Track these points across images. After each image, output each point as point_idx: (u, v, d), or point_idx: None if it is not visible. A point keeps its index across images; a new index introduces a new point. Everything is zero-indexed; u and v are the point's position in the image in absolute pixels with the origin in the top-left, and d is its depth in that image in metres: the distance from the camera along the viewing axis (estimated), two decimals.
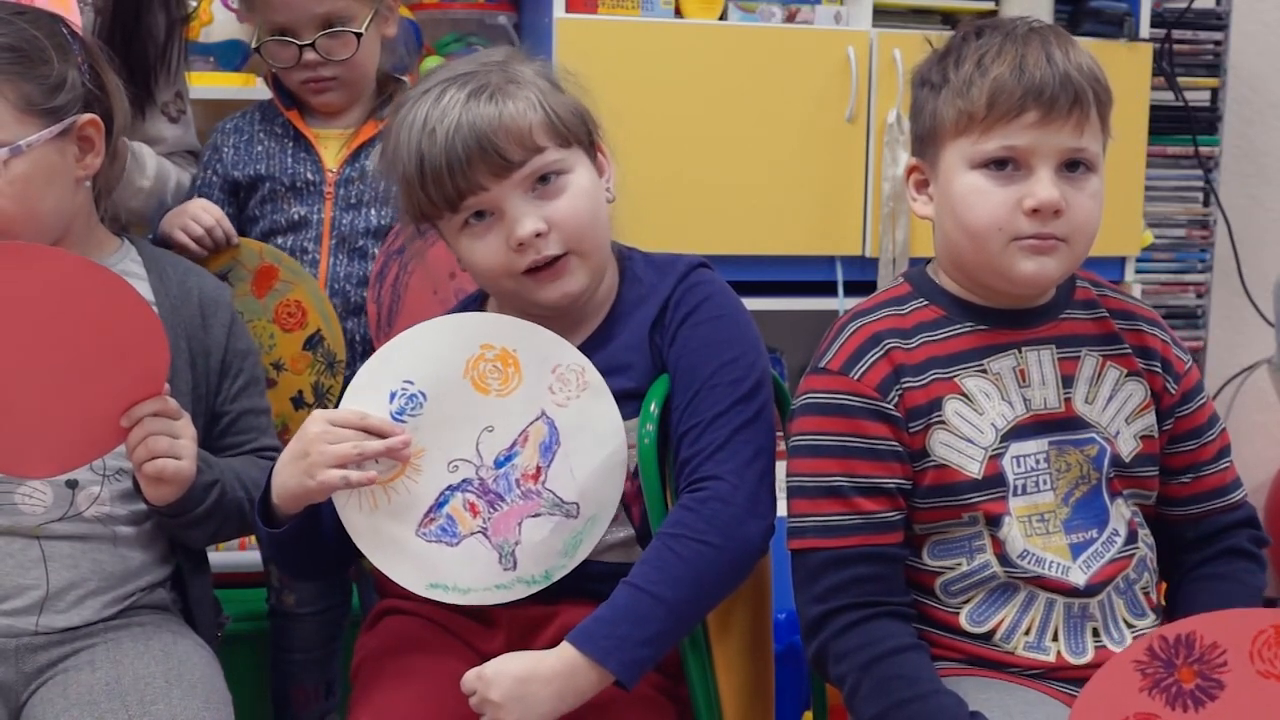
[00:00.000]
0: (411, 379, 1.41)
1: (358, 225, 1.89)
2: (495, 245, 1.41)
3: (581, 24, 2.49)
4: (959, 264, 1.41)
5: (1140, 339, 1.45)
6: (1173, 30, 2.99)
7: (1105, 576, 1.39)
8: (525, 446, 1.42)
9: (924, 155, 1.42)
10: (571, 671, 1.30)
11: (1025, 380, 1.39)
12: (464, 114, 1.37)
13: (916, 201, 1.44)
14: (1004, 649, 1.37)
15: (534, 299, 1.43)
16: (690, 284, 1.47)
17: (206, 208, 1.86)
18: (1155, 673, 1.16)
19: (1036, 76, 1.34)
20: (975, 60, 1.37)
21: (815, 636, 1.36)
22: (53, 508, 1.48)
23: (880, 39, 2.60)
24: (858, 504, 1.34)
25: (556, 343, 1.43)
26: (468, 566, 1.40)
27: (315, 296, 1.86)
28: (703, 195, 2.53)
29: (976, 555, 1.37)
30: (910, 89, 1.45)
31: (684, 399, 1.42)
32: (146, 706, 1.38)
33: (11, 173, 1.44)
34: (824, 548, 1.35)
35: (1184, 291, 3.11)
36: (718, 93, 2.54)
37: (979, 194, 1.35)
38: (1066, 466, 1.39)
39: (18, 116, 1.45)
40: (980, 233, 1.36)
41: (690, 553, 1.34)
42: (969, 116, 1.35)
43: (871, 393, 1.35)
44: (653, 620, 1.32)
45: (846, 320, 1.42)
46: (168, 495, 1.45)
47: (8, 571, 1.47)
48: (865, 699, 1.31)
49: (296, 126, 1.92)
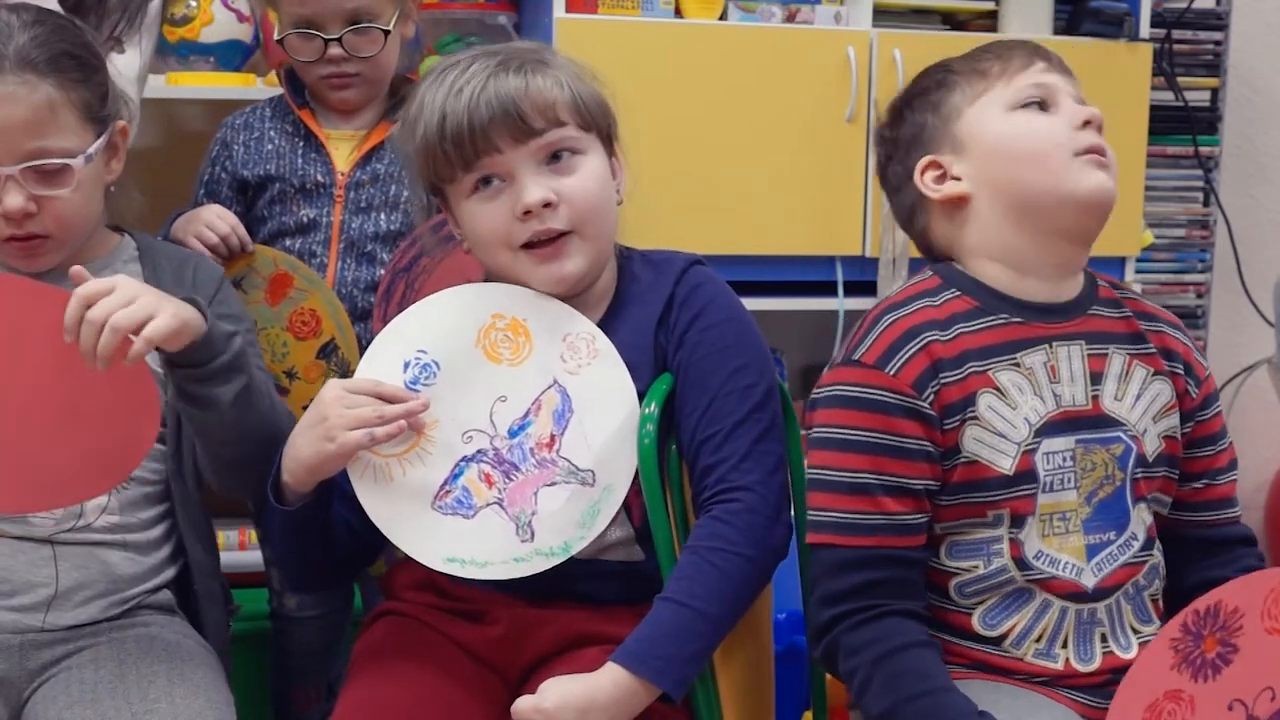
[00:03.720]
0: (425, 348, 1.41)
1: (367, 230, 1.89)
2: (501, 212, 1.41)
3: (581, 24, 2.49)
4: (1020, 220, 1.41)
5: (1163, 341, 1.45)
6: (1173, 30, 2.99)
7: (1116, 581, 1.38)
8: (538, 415, 1.42)
9: (938, 146, 1.44)
10: (627, 695, 1.31)
11: (1055, 376, 1.39)
12: (492, 80, 1.40)
13: (942, 189, 1.43)
14: (1013, 654, 1.37)
15: (529, 279, 1.43)
16: (692, 283, 1.47)
17: (221, 214, 1.85)
18: (1185, 648, 1.17)
19: (1024, 43, 1.47)
20: (974, 52, 1.47)
21: (826, 633, 1.36)
22: (62, 520, 1.49)
23: (880, 39, 2.60)
24: (883, 503, 1.34)
25: (566, 311, 1.44)
26: (485, 539, 1.40)
27: (330, 305, 1.84)
28: (703, 195, 2.53)
29: (994, 559, 1.37)
30: (891, 115, 1.51)
31: (698, 405, 1.42)
32: (149, 705, 1.38)
33: (78, 179, 1.45)
34: (842, 545, 1.35)
35: (1184, 291, 3.10)
36: (718, 93, 2.54)
37: (1030, 122, 1.41)
38: (1091, 466, 1.39)
39: (82, 124, 1.46)
40: (1044, 153, 1.39)
41: (731, 567, 1.34)
42: (981, 74, 1.42)
43: (907, 389, 1.34)
44: (699, 636, 1.33)
45: (880, 313, 1.40)
46: (175, 346, 1.36)
47: (18, 568, 1.47)
48: (875, 694, 1.31)
49: (308, 126, 1.91)
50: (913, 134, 1.46)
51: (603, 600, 1.45)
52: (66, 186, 1.45)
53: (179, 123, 2.68)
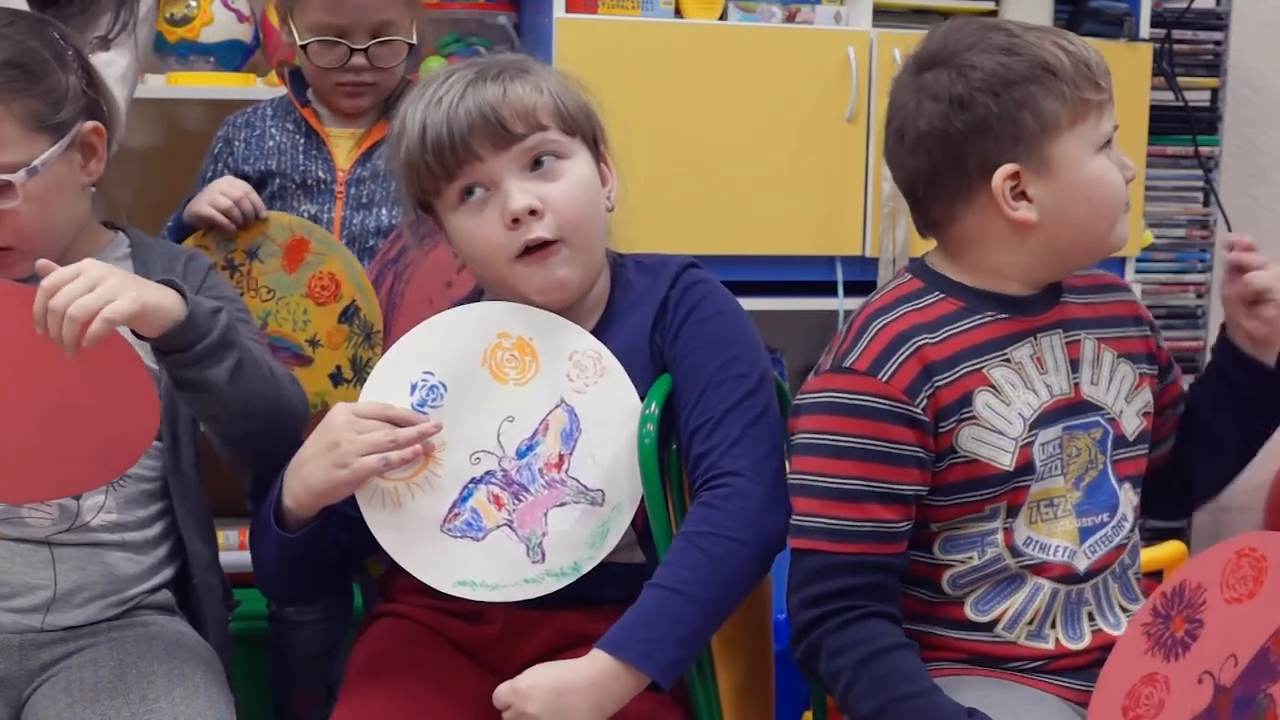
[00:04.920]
0: (431, 370, 1.41)
1: (368, 225, 1.89)
2: (491, 222, 1.40)
3: (581, 24, 2.49)
4: (1050, 254, 1.38)
5: (1130, 308, 1.49)
6: (1173, 30, 2.99)
7: (1105, 562, 1.40)
8: (546, 435, 1.41)
9: (1022, 154, 1.34)
10: (608, 679, 1.28)
11: (1043, 368, 1.40)
12: (470, 89, 1.40)
13: (1018, 209, 1.35)
14: (1006, 639, 1.37)
15: (525, 289, 1.43)
16: (686, 284, 1.47)
17: (232, 182, 1.85)
18: (1156, 631, 1.17)
19: (1106, 65, 1.40)
20: (1059, 47, 1.37)
21: (806, 635, 1.35)
22: (59, 520, 1.48)
23: (880, 39, 2.60)
24: (871, 510, 1.33)
25: (571, 329, 1.43)
26: (495, 561, 1.39)
27: (348, 266, 1.83)
28: (703, 195, 2.53)
29: (989, 549, 1.37)
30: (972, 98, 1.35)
31: (691, 396, 1.41)
32: (149, 705, 1.38)
33: (28, 192, 1.43)
34: (827, 551, 1.34)
35: (1184, 291, 3.11)
36: (718, 93, 2.54)
37: (1109, 173, 1.38)
38: (1076, 451, 1.40)
39: (27, 135, 1.43)
40: (1114, 209, 1.38)
41: (718, 550, 1.33)
42: (1083, 102, 1.36)
43: (900, 396, 1.34)
44: (685, 620, 1.31)
45: (866, 319, 1.39)
46: (149, 331, 1.34)
47: (18, 570, 1.47)
48: (861, 695, 1.31)
49: (310, 124, 1.92)
50: (993, 119, 1.34)
51: (602, 601, 1.44)
52: (11, 201, 1.42)
53: (179, 123, 2.68)
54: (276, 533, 1.41)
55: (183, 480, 1.55)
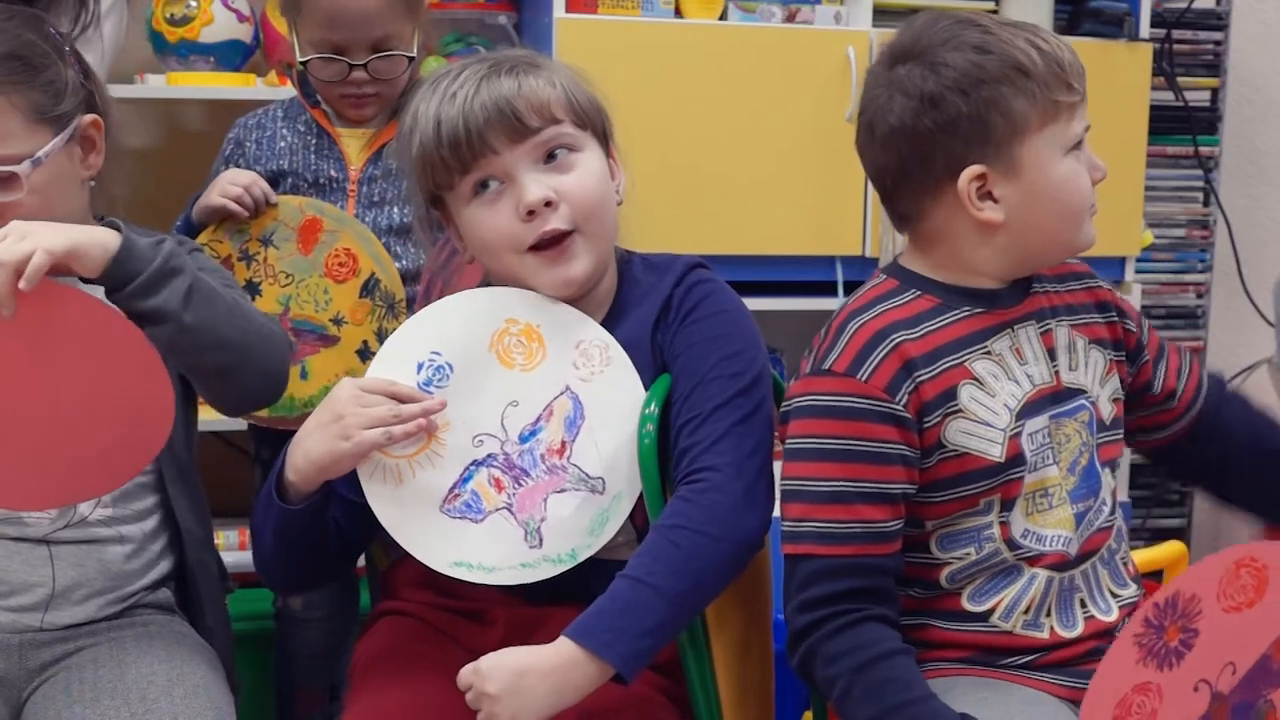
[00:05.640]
0: (439, 350, 1.42)
1: (380, 223, 1.89)
2: (505, 214, 1.41)
3: (581, 24, 2.49)
4: (1016, 254, 1.39)
5: (1094, 295, 1.49)
6: (1173, 30, 2.99)
7: (1092, 546, 1.41)
8: (550, 421, 1.42)
9: (990, 155, 1.34)
10: (569, 665, 1.28)
11: (1022, 358, 1.40)
12: (485, 83, 1.41)
13: (983, 209, 1.35)
14: (1002, 628, 1.37)
15: (536, 282, 1.44)
16: (690, 283, 1.48)
17: (238, 172, 1.85)
18: (1150, 641, 1.18)
19: (1079, 64, 1.38)
20: (1033, 45, 1.35)
21: (803, 640, 1.35)
22: (57, 518, 1.49)
23: (880, 39, 2.60)
24: (860, 511, 1.33)
25: (579, 318, 1.44)
26: (493, 544, 1.39)
27: (364, 239, 1.83)
28: (703, 195, 2.54)
29: (986, 544, 1.37)
30: (941, 96, 1.33)
31: (684, 390, 1.42)
32: (149, 705, 1.38)
33: (31, 184, 1.43)
34: (820, 555, 1.34)
35: (1184, 291, 3.11)
36: (718, 93, 2.55)
37: (1078, 176, 1.37)
38: (1066, 438, 1.40)
39: (29, 127, 1.44)
40: (1079, 213, 1.38)
41: (688, 543, 1.32)
42: (1054, 104, 1.34)
43: (880, 394, 1.34)
44: (651, 612, 1.30)
45: (843, 320, 1.39)
46: (90, 268, 1.35)
47: (15, 569, 1.47)
48: (858, 702, 1.31)
49: (321, 124, 1.92)
50: (963, 118, 1.33)
51: None
52: (16, 193, 1.42)
53: (179, 123, 2.68)
54: (277, 505, 1.41)
55: (173, 455, 1.53)
